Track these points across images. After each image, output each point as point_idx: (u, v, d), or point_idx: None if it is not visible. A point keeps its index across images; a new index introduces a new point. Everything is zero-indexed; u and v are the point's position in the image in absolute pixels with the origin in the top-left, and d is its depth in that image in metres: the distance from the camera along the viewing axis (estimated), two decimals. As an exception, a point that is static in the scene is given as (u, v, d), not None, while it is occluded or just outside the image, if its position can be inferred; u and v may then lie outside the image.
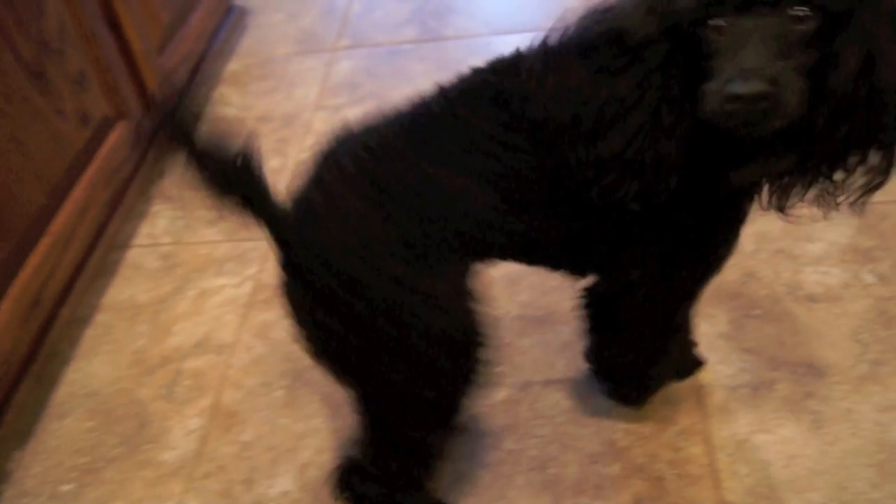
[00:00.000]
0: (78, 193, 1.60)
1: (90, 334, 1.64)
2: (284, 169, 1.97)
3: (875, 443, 1.23)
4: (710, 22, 0.77)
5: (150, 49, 1.86)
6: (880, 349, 1.35)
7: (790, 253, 1.54)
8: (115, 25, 1.75)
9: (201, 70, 2.26)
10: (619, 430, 1.31)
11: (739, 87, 0.73)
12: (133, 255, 1.81)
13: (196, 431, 1.43)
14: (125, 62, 1.79)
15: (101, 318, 1.68)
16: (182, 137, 0.91)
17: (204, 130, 0.92)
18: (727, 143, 0.85)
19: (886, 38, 0.77)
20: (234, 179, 0.93)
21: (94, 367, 1.57)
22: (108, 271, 1.77)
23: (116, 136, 1.73)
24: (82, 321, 1.67)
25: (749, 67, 0.74)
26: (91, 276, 1.71)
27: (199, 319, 1.63)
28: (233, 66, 2.38)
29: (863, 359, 1.34)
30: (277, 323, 1.58)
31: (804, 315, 1.43)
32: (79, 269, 1.65)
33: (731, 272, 1.52)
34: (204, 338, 1.59)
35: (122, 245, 1.84)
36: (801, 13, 0.75)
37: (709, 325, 1.43)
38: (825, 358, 1.35)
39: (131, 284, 1.74)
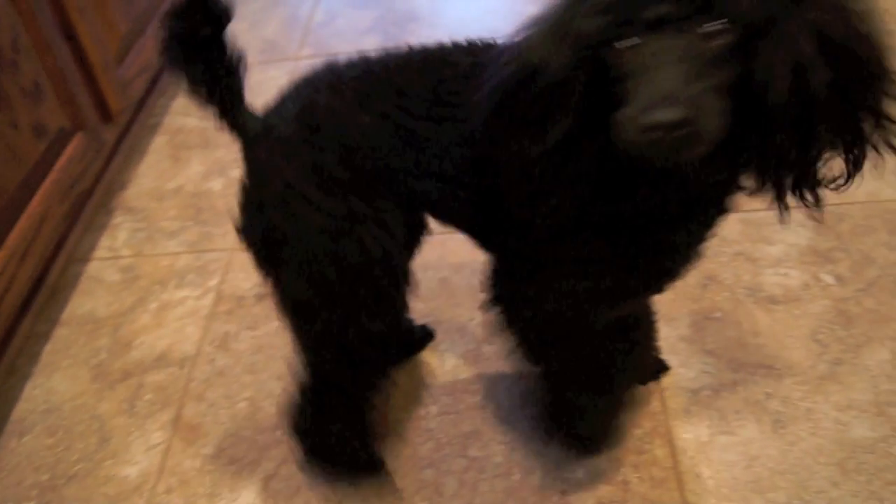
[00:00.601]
0: (34, 207, 1.57)
1: (50, 349, 1.62)
2: (246, 179, 1.95)
3: (835, 442, 1.24)
4: (619, 44, 0.72)
5: (107, 60, 1.84)
6: (839, 349, 1.36)
7: (750, 255, 1.55)
8: (70, 36, 1.73)
9: (161, 80, 2.24)
10: (583, 434, 1.31)
11: (659, 115, 0.68)
12: (93, 268, 1.79)
13: (158, 446, 1.41)
14: (82, 73, 1.77)
15: (60, 332, 1.65)
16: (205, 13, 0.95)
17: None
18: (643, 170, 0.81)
19: (812, 49, 0.72)
20: (216, 80, 1.01)
21: (54, 383, 1.55)
22: (67, 285, 1.75)
23: (74, 148, 1.71)
24: (41, 336, 1.64)
25: (666, 92, 0.68)
26: (50, 290, 1.69)
27: (160, 332, 1.61)
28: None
29: (822, 359, 1.35)
30: (239, 334, 1.57)
31: (764, 317, 1.44)
32: (37, 283, 1.63)
33: (691, 276, 1.51)
34: (166, 351, 1.57)
35: (83, 258, 1.81)
36: (716, 28, 0.70)
37: (670, 328, 1.44)
38: (785, 359, 1.36)
39: (91, 298, 1.72)
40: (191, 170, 2.02)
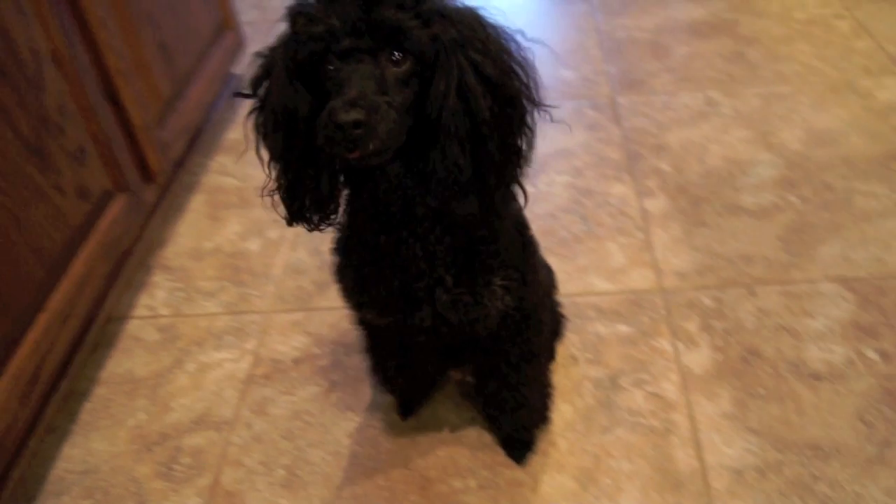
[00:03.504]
0: (77, 268, 1.59)
1: (88, 408, 1.62)
2: (284, 239, 1.97)
3: (884, 527, 1.22)
4: (328, 67, 0.92)
5: (149, 122, 1.87)
6: (887, 430, 1.34)
7: (792, 329, 1.54)
8: (114, 100, 1.76)
9: (200, 140, 2.27)
10: (625, 513, 1.29)
11: (340, 116, 0.86)
12: (132, 326, 1.80)
13: (195, 513, 1.41)
14: (124, 136, 1.79)
15: (99, 391, 1.66)
16: None
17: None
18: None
19: (473, 79, 0.92)
20: None
21: (93, 443, 1.55)
22: (106, 343, 1.76)
23: (116, 210, 1.73)
24: (80, 395, 1.65)
25: (349, 99, 0.87)
26: (89, 348, 1.70)
27: (198, 395, 1.62)
28: (232, 134, 2.40)
29: (870, 440, 1.33)
30: (277, 399, 1.57)
31: (808, 394, 1.42)
32: (77, 342, 1.64)
33: (733, 349, 1.52)
34: (203, 414, 1.57)
35: (121, 316, 1.83)
36: (396, 58, 0.91)
37: (712, 404, 1.43)
38: (832, 439, 1.34)
39: (130, 357, 1.73)
40: (228, 229, 2.04)
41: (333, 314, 1.74)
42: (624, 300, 1.66)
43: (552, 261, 1.70)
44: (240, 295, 1.84)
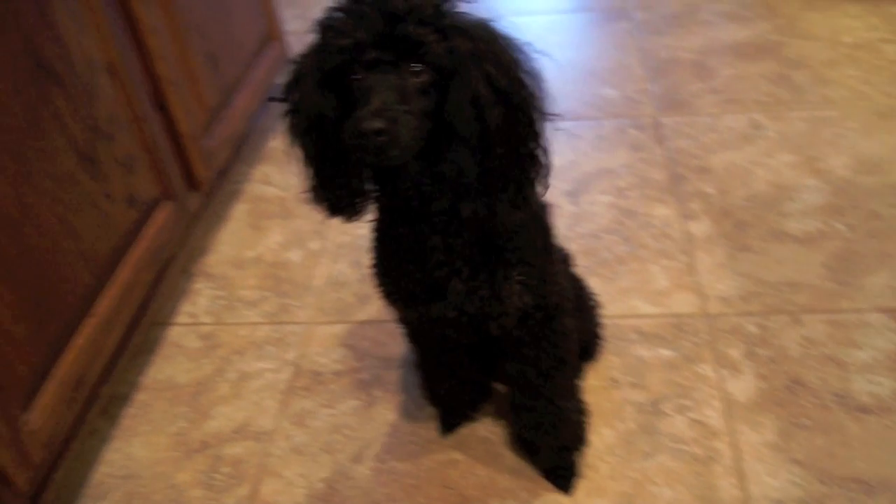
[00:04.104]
0: (123, 274, 1.60)
1: (129, 413, 1.64)
2: (324, 251, 1.98)
3: (930, 566, 1.20)
4: (354, 76, 0.98)
5: (195, 131, 1.89)
6: (934, 466, 1.33)
7: (838, 360, 1.52)
8: (163, 108, 1.78)
9: (244, 148, 2.29)
10: (666, 541, 1.29)
11: (364, 125, 0.93)
12: (174, 333, 1.82)
13: (234, 523, 1.42)
14: (172, 144, 1.81)
15: (140, 397, 1.68)
16: None
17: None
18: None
19: (486, 90, 0.98)
20: None
21: (133, 448, 1.57)
22: (148, 349, 1.78)
23: (162, 217, 1.74)
24: (122, 399, 1.67)
25: (373, 110, 0.93)
26: (132, 353, 1.72)
27: (238, 404, 1.63)
28: (274, 143, 2.42)
29: (917, 476, 1.32)
30: (317, 412, 1.58)
31: (854, 427, 1.40)
32: (121, 347, 1.65)
33: (777, 378, 1.50)
34: (244, 423, 1.59)
35: (163, 322, 1.84)
36: (416, 69, 0.97)
37: (756, 433, 1.41)
38: (878, 474, 1.33)
39: (171, 364, 1.74)
40: (270, 239, 2.05)
41: (374, 328, 1.74)
42: (666, 324, 1.66)
43: (594, 281, 1.70)
44: (281, 305, 1.85)
